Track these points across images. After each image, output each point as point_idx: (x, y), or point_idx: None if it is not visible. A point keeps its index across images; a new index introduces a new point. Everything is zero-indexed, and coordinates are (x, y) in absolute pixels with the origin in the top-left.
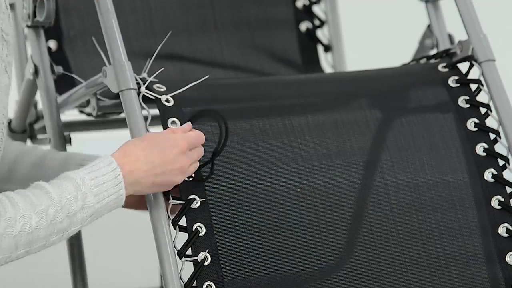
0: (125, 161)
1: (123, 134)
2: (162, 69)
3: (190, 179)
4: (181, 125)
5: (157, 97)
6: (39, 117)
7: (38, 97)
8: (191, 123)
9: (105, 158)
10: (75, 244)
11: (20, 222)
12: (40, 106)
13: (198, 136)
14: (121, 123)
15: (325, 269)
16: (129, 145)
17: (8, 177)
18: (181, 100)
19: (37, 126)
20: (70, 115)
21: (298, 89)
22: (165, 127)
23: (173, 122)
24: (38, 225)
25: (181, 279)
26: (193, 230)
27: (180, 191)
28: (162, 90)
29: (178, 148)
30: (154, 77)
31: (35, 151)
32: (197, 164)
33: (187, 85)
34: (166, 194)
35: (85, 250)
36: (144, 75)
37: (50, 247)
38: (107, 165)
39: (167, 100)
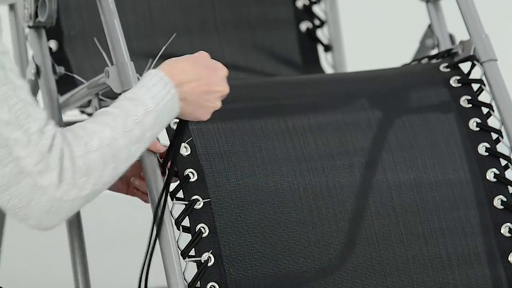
0: (173, 72)
1: None
2: None
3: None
4: (183, 125)
5: None
6: None
7: (39, 97)
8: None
9: (149, 71)
10: (77, 244)
11: (96, 137)
12: (41, 106)
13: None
14: None
15: (328, 269)
16: (176, 59)
17: None
18: None
19: None
20: (71, 115)
21: (300, 90)
22: (167, 127)
23: (175, 123)
24: (114, 135)
25: (184, 279)
26: (196, 231)
27: (183, 191)
28: None
29: (223, 72)
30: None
31: None
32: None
33: None
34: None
35: (87, 250)
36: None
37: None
38: (149, 74)
39: None
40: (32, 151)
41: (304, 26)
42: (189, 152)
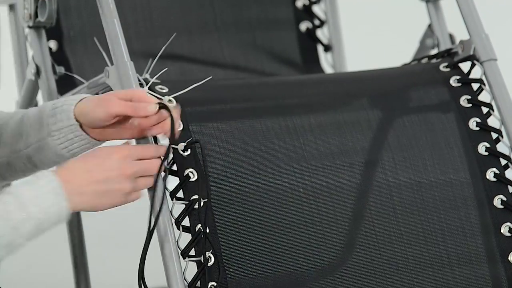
0: (63, 172)
1: None
2: (166, 69)
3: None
4: (183, 125)
5: (159, 98)
6: None
7: (39, 97)
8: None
9: (41, 172)
10: (78, 244)
11: None
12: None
13: (145, 148)
14: None
15: (328, 268)
16: (69, 161)
17: None
18: (184, 100)
19: None
20: None
21: (300, 90)
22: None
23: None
24: None
25: (185, 279)
26: (196, 230)
27: (183, 191)
28: (164, 91)
29: (119, 154)
30: (156, 77)
31: (18, 112)
32: (149, 179)
33: (189, 86)
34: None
35: (87, 250)
36: (147, 76)
37: (51, 247)
38: (44, 177)
39: (169, 101)
40: None
41: (304, 26)
42: (188, 152)
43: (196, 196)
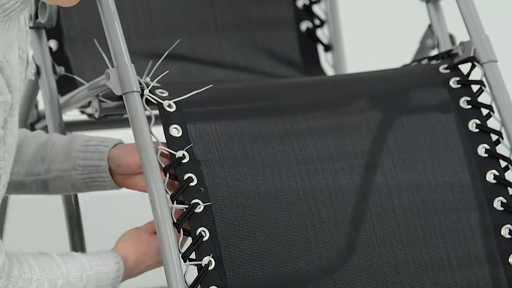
0: (131, 258)
1: (124, 134)
2: (167, 72)
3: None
4: (182, 131)
5: (159, 102)
6: (40, 117)
7: (39, 97)
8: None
9: (111, 252)
10: (78, 244)
11: (34, 285)
12: (41, 106)
13: None
14: (123, 123)
15: (328, 271)
16: (129, 245)
17: (15, 159)
18: (183, 102)
19: (38, 126)
20: (71, 115)
21: (299, 92)
22: (167, 133)
23: (175, 129)
24: None
25: (185, 281)
26: (197, 234)
27: (183, 195)
28: (164, 95)
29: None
30: (156, 81)
31: (40, 134)
32: None
33: (190, 90)
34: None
35: (87, 250)
36: (147, 79)
37: (51, 247)
38: (112, 257)
39: (169, 106)
40: None
41: (304, 26)
42: (188, 159)
43: (196, 200)
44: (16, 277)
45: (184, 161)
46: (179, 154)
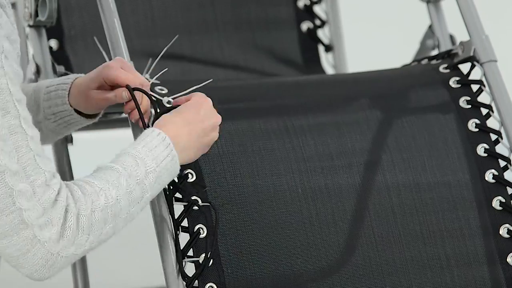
0: (168, 128)
1: (124, 134)
2: (166, 69)
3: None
4: None
5: (159, 99)
6: None
7: None
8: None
9: (150, 131)
10: None
11: (102, 196)
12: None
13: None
14: (123, 123)
15: (326, 269)
16: (162, 118)
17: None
18: (182, 100)
19: None
20: None
21: (299, 91)
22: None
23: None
24: (118, 196)
25: (183, 278)
26: (195, 231)
27: (182, 192)
28: (164, 92)
29: (207, 104)
30: (156, 78)
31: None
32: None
33: (189, 87)
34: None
35: None
36: (147, 76)
37: None
38: (151, 133)
39: (168, 102)
40: (36, 204)
41: (305, 26)
42: None
43: (195, 197)
44: (82, 197)
45: None
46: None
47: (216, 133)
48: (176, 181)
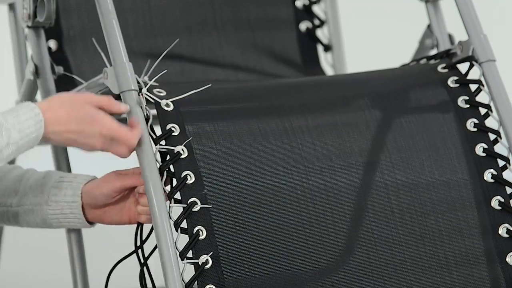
0: (48, 116)
1: None
2: (165, 71)
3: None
4: (179, 130)
5: (157, 101)
6: None
7: (38, 97)
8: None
9: (25, 103)
10: (76, 244)
11: None
12: None
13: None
14: (122, 123)
15: (325, 270)
16: (55, 102)
17: None
18: (180, 101)
19: None
20: None
21: (297, 91)
22: (164, 132)
23: (173, 127)
24: None
25: (182, 280)
26: (194, 233)
27: (181, 193)
28: (162, 94)
29: (98, 127)
30: (155, 80)
31: (18, 167)
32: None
33: (188, 89)
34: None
35: (86, 250)
36: (145, 78)
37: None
38: (26, 106)
39: (167, 105)
40: None
41: (304, 26)
42: (186, 154)
43: (194, 199)
44: None
45: (182, 156)
46: (177, 149)
47: (92, 110)
48: (175, 183)
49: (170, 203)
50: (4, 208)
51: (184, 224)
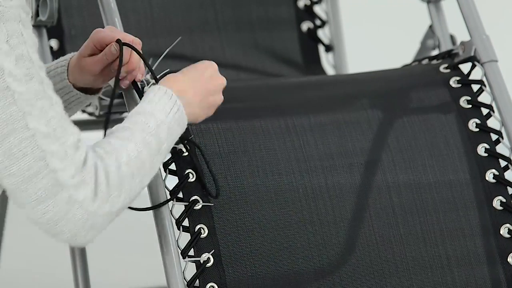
0: (172, 84)
1: None
2: (167, 70)
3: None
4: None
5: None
6: None
7: None
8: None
9: (152, 88)
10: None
11: (124, 151)
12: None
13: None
14: None
15: (327, 269)
16: (166, 77)
17: None
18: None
19: None
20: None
21: (300, 90)
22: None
23: None
24: (137, 148)
25: (184, 278)
26: (195, 231)
27: (183, 192)
28: None
29: (212, 67)
30: (157, 78)
31: None
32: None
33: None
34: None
35: (87, 250)
36: (147, 77)
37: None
38: (153, 89)
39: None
40: (69, 164)
41: (305, 26)
42: (187, 152)
43: (195, 197)
44: (105, 155)
45: (185, 154)
46: (180, 147)
47: (220, 96)
48: (178, 181)
49: (172, 200)
50: None
51: (186, 222)
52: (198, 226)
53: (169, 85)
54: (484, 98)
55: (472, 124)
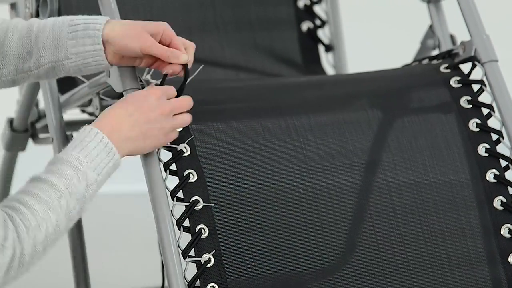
0: (107, 123)
1: None
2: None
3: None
4: (182, 128)
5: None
6: (40, 116)
7: (40, 96)
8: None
9: (89, 131)
10: (78, 244)
11: (43, 227)
12: (41, 105)
13: (182, 101)
14: None
15: (328, 269)
16: (105, 110)
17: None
18: None
19: (39, 125)
20: (72, 114)
21: (300, 90)
22: None
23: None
24: (57, 221)
25: (185, 278)
26: (196, 231)
27: (183, 192)
28: None
29: (155, 95)
30: (155, 78)
31: (18, 23)
32: (186, 115)
33: (190, 87)
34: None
35: (87, 250)
36: (148, 77)
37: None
38: (94, 137)
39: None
40: None
41: (305, 26)
42: (189, 152)
43: (196, 197)
44: (25, 235)
45: (185, 154)
46: (180, 147)
47: (169, 122)
48: (178, 181)
49: (173, 200)
50: (24, 74)
51: (186, 223)
52: (198, 227)
53: (104, 122)
54: (485, 98)
55: (473, 124)
